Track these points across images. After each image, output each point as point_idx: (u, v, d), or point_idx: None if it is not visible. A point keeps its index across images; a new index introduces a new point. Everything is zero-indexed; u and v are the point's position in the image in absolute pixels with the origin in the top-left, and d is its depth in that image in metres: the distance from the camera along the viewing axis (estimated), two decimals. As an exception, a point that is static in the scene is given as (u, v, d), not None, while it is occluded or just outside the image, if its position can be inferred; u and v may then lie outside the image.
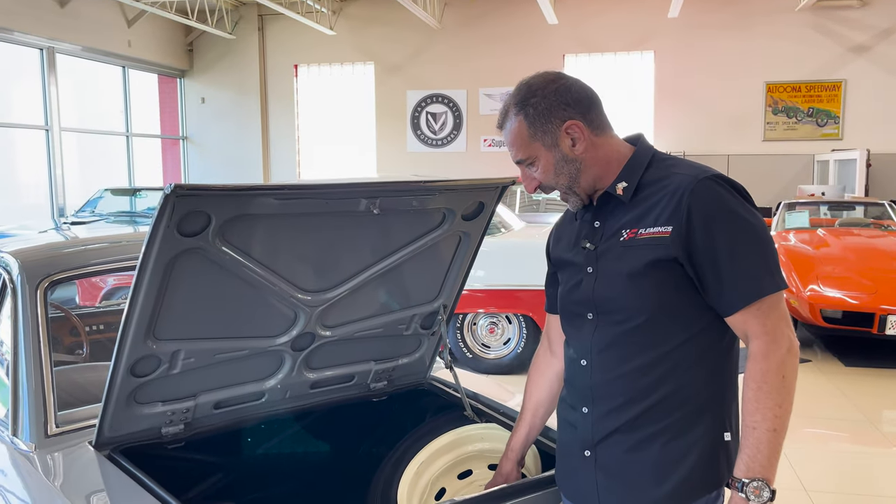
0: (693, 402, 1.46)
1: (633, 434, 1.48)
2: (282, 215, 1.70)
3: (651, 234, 1.43)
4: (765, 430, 1.36)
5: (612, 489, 1.51)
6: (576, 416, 1.57)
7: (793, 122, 13.26)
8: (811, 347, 6.83)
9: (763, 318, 1.39)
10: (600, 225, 1.53)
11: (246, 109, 15.17)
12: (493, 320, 5.86)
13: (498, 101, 14.08)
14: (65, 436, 1.86)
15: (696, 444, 1.45)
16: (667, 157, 1.55)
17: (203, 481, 2.15)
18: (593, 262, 1.52)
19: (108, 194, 10.95)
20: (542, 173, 1.51)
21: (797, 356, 1.40)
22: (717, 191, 1.41)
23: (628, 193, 1.49)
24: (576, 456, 1.57)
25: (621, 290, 1.47)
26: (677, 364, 1.45)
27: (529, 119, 1.49)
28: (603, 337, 1.51)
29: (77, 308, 3.53)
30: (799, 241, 7.41)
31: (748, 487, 1.36)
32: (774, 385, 1.36)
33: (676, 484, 1.45)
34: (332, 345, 2.09)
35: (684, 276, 1.43)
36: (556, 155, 1.49)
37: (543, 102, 1.48)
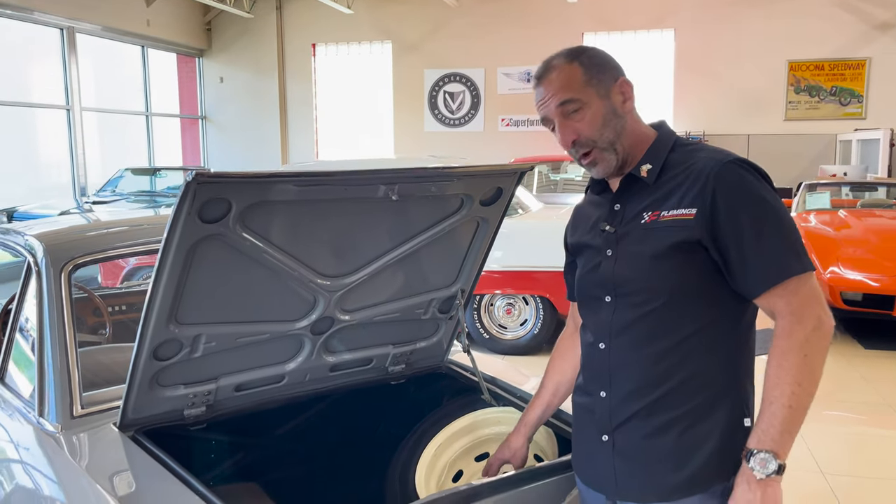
0: (712, 388, 1.46)
1: (651, 419, 1.48)
2: (301, 202, 1.71)
3: (674, 217, 1.43)
4: (780, 405, 1.36)
5: (630, 474, 1.51)
6: (593, 400, 1.57)
7: (815, 101, 13.08)
8: (830, 330, 6.78)
9: (789, 297, 1.38)
10: (621, 208, 1.53)
11: (264, 89, 15.19)
12: (510, 301, 5.87)
13: (516, 80, 14.01)
14: (90, 417, 1.89)
15: (715, 429, 1.45)
16: (689, 142, 1.55)
17: (224, 462, 2.19)
18: (613, 244, 1.52)
19: (128, 174, 11.06)
20: (589, 122, 1.48)
21: (826, 337, 1.38)
22: (741, 174, 1.42)
23: (652, 176, 1.50)
24: (593, 441, 1.57)
25: (643, 271, 1.47)
26: (695, 348, 1.45)
27: (585, 66, 1.49)
28: (621, 319, 1.51)
29: (99, 289, 3.58)
30: (819, 223, 7.34)
31: (755, 458, 1.36)
32: (794, 363, 1.36)
33: (696, 469, 1.45)
34: (351, 328, 2.11)
35: (706, 259, 1.43)
36: (606, 106, 1.49)
37: (598, 57, 1.51)
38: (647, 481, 1.49)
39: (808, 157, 12.93)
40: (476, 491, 1.62)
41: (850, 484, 3.66)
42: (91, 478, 1.65)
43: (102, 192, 10.59)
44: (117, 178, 10.90)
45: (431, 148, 14.17)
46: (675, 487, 1.46)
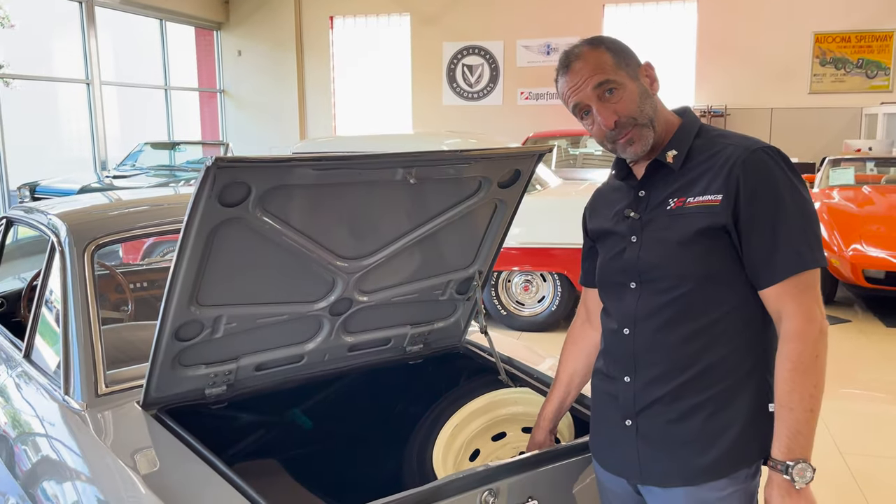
0: (737, 373, 1.46)
1: (675, 404, 1.48)
2: (320, 185, 1.72)
3: (700, 203, 1.43)
4: (803, 410, 1.36)
5: (654, 458, 1.52)
6: (616, 386, 1.57)
7: (841, 73, 12.83)
8: (852, 308, 6.73)
9: (799, 296, 1.38)
10: (645, 194, 1.53)
11: (282, 62, 15.14)
12: (527, 278, 5.87)
13: (535, 53, 13.85)
14: (114, 395, 1.93)
15: (740, 414, 1.45)
16: (714, 129, 1.54)
17: (244, 439, 2.23)
18: (637, 230, 1.52)
19: (147, 148, 11.12)
20: (627, 101, 1.47)
21: (826, 337, 1.39)
22: (768, 163, 1.41)
23: (678, 162, 1.49)
24: (615, 426, 1.57)
25: (669, 258, 1.47)
26: (721, 333, 1.45)
27: (612, 50, 1.49)
28: (646, 306, 1.51)
29: (121, 266, 3.62)
30: (843, 199, 7.24)
31: (793, 470, 1.36)
32: (809, 366, 1.36)
33: (721, 454, 1.45)
34: (369, 309, 2.12)
35: (731, 245, 1.43)
36: (639, 87, 1.50)
37: (619, 43, 1.51)
38: (671, 465, 1.50)
39: (832, 131, 12.73)
40: (493, 472, 1.64)
41: (869, 465, 3.66)
42: (116, 456, 1.68)
43: (122, 167, 10.66)
44: (137, 152, 10.97)
45: (450, 122, 14.10)
46: (700, 471, 1.47)
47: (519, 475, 1.67)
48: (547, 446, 1.83)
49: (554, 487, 1.73)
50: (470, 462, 2.23)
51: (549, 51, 13.68)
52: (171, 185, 9.21)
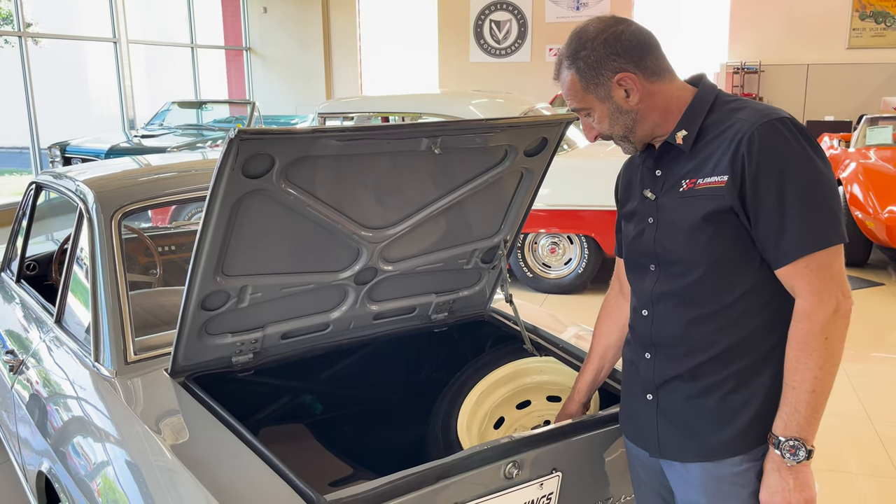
0: (755, 353, 1.44)
1: (693, 383, 1.48)
2: (344, 156, 1.70)
3: (708, 185, 1.40)
4: (804, 391, 1.35)
5: (672, 433, 1.52)
6: (639, 359, 1.58)
7: (881, 28, 12.40)
8: (885, 270, 6.61)
9: (811, 275, 1.34)
10: (662, 174, 1.50)
11: (308, 20, 15.00)
12: (554, 240, 5.84)
13: (564, 8, 13.56)
14: (142, 363, 1.96)
15: (758, 393, 1.44)
16: (731, 99, 1.47)
17: (271, 405, 2.26)
18: (654, 212, 1.50)
19: (175, 107, 11.14)
20: (599, 122, 1.50)
21: (846, 318, 1.35)
22: (776, 137, 1.34)
23: (688, 142, 1.44)
24: (639, 398, 1.59)
25: (681, 242, 1.44)
26: (739, 316, 1.43)
27: (581, 73, 1.45)
28: (663, 288, 1.50)
29: (149, 229, 3.65)
30: (880, 159, 7.05)
31: (784, 445, 1.36)
32: (816, 347, 1.33)
33: (738, 431, 1.45)
34: (394, 278, 2.12)
35: (741, 227, 1.39)
36: (610, 107, 1.46)
37: (593, 55, 1.43)
38: (688, 441, 1.50)
39: (870, 87, 12.36)
40: (516, 444, 1.64)
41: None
42: (144, 423, 1.71)
43: (150, 126, 10.70)
44: (164, 111, 10.99)
45: (477, 80, 13.92)
46: (716, 447, 1.46)
47: (543, 447, 1.67)
48: (577, 418, 1.83)
49: (577, 459, 1.74)
50: (494, 430, 2.25)
51: (579, 6, 13.39)
52: (197, 146, 9.22)
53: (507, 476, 1.61)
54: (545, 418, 2.27)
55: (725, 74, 12.57)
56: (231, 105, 12.26)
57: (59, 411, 2.02)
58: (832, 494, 3.07)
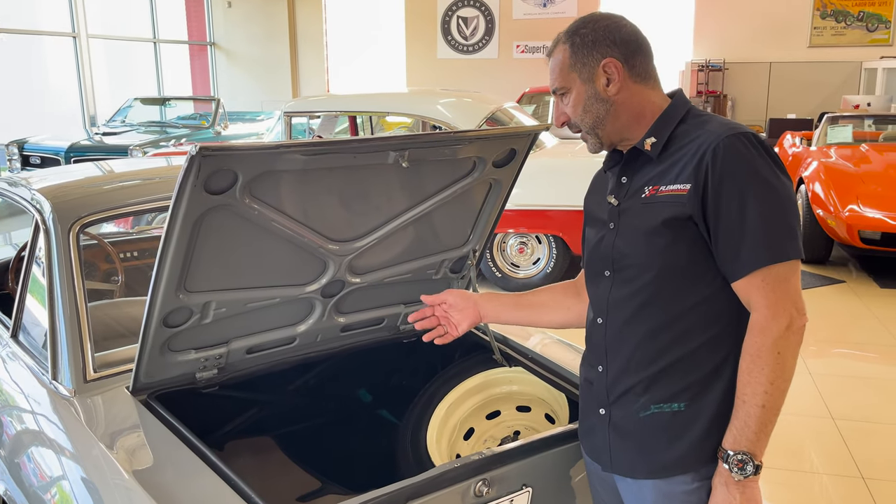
0: (707, 367, 1.44)
1: (645, 396, 1.48)
2: (309, 170, 1.67)
3: (670, 192, 1.40)
4: (754, 405, 1.35)
5: (623, 449, 1.52)
6: (593, 373, 1.58)
7: (841, 26, 12.64)
8: (846, 267, 6.74)
9: (767, 289, 1.34)
10: (627, 181, 1.50)
11: (273, 13, 14.84)
12: (522, 240, 5.84)
13: (532, 5, 13.58)
14: (103, 381, 1.90)
15: (707, 409, 1.44)
16: (702, 114, 1.49)
17: (237, 422, 2.21)
18: (616, 218, 1.50)
19: (137, 103, 10.95)
20: (572, 107, 1.50)
21: (798, 334, 1.35)
22: (740, 150, 1.35)
23: (656, 149, 1.45)
24: (593, 413, 1.59)
25: (637, 247, 1.45)
26: (691, 327, 1.43)
27: (574, 48, 1.47)
28: (617, 295, 1.50)
29: (110, 235, 3.56)
30: (840, 158, 7.19)
31: (732, 459, 1.36)
32: (768, 361, 1.33)
33: (687, 448, 1.44)
34: (362, 290, 2.09)
35: (699, 237, 1.39)
36: (588, 90, 1.47)
37: (591, 35, 1.46)
38: (639, 458, 1.50)
39: (831, 85, 12.60)
40: (487, 461, 1.63)
41: (860, 430, 3.69)
42: (104, 446, 1.66)
43: (112, 123, 10.50)
44: (126, 107, 10.80)
45: (444, 76, 13.90)
46: (667, 465, 1.46)
47: (512, 463, 1.66)
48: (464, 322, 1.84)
49: (548, 474, 1.73)
50: (464, 441, 2.23)
51: (546, 2, 13.42)
52: (161, 143, 9.06)
53: (476, 494, 1.59)
54: (515, 429, 2.26)
55: (691, 72, 12.71)
56: (195, 101, 12.09)
57: (15, 432, 1.96)
58: (796, 495, 3.12)
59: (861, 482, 3.21)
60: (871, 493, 3.12)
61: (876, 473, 3.27)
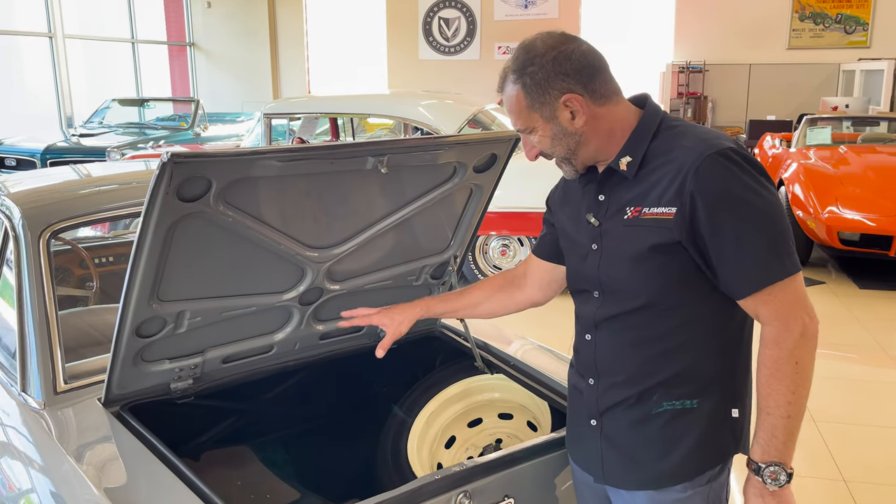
0: (699, 382, 1.42)
1: (636, 409, 1.46)
2: (286, 176, 1.63)
3: (654, 216, 1.36)
4: (779, 416, 1.34)
5: (615, 459, 1.51)
6: (583, 384, 1.56)
7: (819, 28, 12.74)
8: (826, 268, 6.78)
9: (775, 302, 1.33)
10: (605, 199, 1.46)
11: (253, 14, 14.73)
12: (505, 242, 5.82)
13: (513, 6, 13.58)
14: (74, 392, 1.85)
15: (700, 421, 1.43)
16: (675, 124, 1.44)
17: (213, 431, 2.17)
18: (598, 239, 1.47)
19: (115, 104, 10.82)
20: (540, 142, 1.45)
21: (813, 339, 1.34)
22: (722, 170, 1.31)
23: (632, 169, 1.41)
24: (583, 423, 1.57)
25: (624, 271, 1.42)
26: (681, 344, 1.41)
27: (527, 89, 1.40)
28: (606, 315, 1.47)
29: (84, 240, 3.49)
30: (819, 160, 7.23)
31: (765, 472, 1.35)
32: (787, 372, 1.32)
33: (680, 459, 1.43)
34: (341, 297, 2.05)
35: (689, 259, 1.37)
36: (554, 127, 1.42)
37: (541, 72, 1.38)
38: (632, 468, 1.48)
39: (810, 87, 12.69)
40: (468, 472, 1.60)
41: (841, 432, 3.70)
42: (74, 461, 1.62)
43: (89, 124, 10.37)
44: (104, 108, 10.67)
45: (426, 78, 13.86)
46: (659, 476, 1.45)
47: (494, 474, 1.63)
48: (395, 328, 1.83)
49: (530, 485, 1.70)
50: (446, 450, 2.20)
51: (528, 4, 13.43)
52: (139, 145, 8.96)
53: (458, 507, 1.56)
54: (497, 437, 2.24)
55: (671, 74, 12.76)
56: (175, 102, 11.96)
57: (-16, 445, 1.91)
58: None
59: (843, 485, 3.21)
60: (852, 495, 3.13)
61: (857, 476, 3.28)
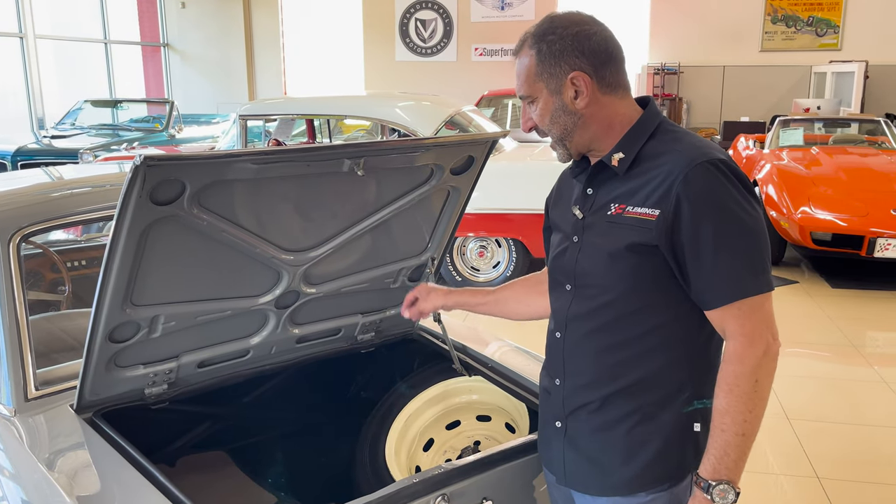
0: (662, 390, 1.42)
1: (600, 414, 1.46)
2: (261, 179, 1.62)
3: (637, 215, 1.37)
4: (733, 433, 1.33)
5: (578, 463, 1.51)
6: (551, 384, 1.56)
7: (791, 31, 12.92)
8: (799, 268, 6.87)
9: (742, 318, 1.33)
10: (593, 193, 1.47)
11: (228, 14, 14.62)
12: (482, 244, 5.83)
13: (490, 8, 13.61)
14: (45, 399, 1.82)
15: (663, 429, 1.43)
16: (673, 129, 1.44)
17: (189, 436, 2.14)
18: (580, 232, 1.47)
19: (87, 106, 10.68)
20: (539, 115, 1.44)
21: (774, 360, 1.35)
22: (710, 180, 1.32)
23: (623, 166, 1.41)
24: (549, 425, 1.57)
25: (599, 266, 1.42)
26: (649, 348, 1.41)
27: (540, 56, 1.40)
28: (576, 311, 1.47)
29: (56, 243, 3.44)
30: (792, 161, 7.33)
31: (714, 490, 1.35)
32: (746, 390, 1.32)
33: (641, 467, 1.43)
34: (318, 300, 2.04)
35: (663, 263, 1.37)
36: (556, 102, 1.41)
37: (558, 44, 1.39)
38: (592, 474, 1.49)
39: (782, 89, 12.86)
40: (446, 476, 1.59)
41: (815, 430, 3.74)
42: (46, 468, 1.59)
43: (61, 125, 10.22)
44: (76, 109, 10.52)
45: (403, 79, 13.84)
46: (619, 484, 1.45)
47: (473, 477, 1.63)
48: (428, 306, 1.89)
49: (508, 487, 1.70)
50: (424, 452, 2.20)
51: (504, 5, 13.46)
52: (112, 147, 8.85)
53: (436, 510, 1.56)
54: (475, 439, 2.23)
55: (647, 75, 12.86)
56: (149, 104, 11.83)
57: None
58: (752, 496, 3.15)
59: (816, 482, 3.25)
60: (825, 492, 3.17)
61: (831, 472, 3.32)
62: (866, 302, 5.90)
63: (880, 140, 8.15)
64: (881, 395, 4.19)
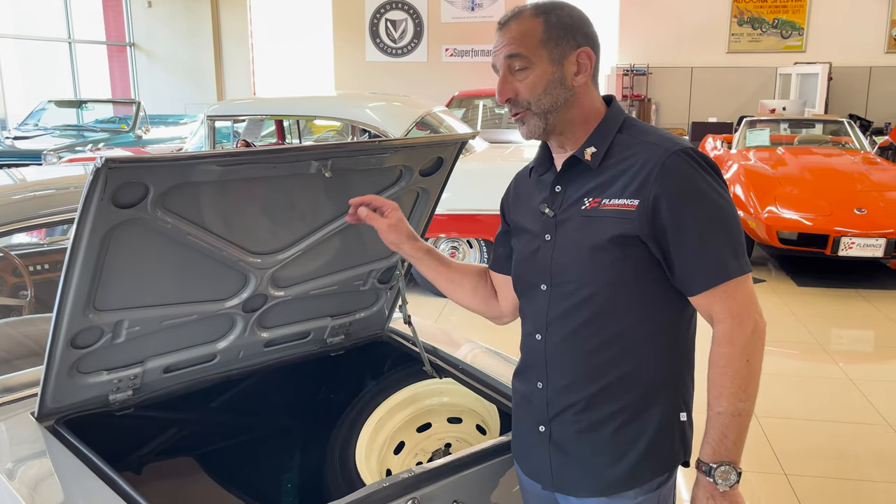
0: (649, 384, 1.43)
1: (586, 414, 1.45)
2: (227, 181, 1.59)
3: (615, 206, 1.37)
4: (729, 414, 1.35)
5: (565, 466, 1.49)
6: (531, 389, 1.54)
7: (757, 33, 13.12)
8: (766, 267, 6.97)
9: (728, 300, 1.35)
10: (562, 190, 1.46)
11: (196, 14, 14.45)
12: (454, 245, 5.82)
13: (460, 9, 13.62)
14: (6, 406, 1.78)
15: (650, 425, 1.43)
16: (637, 123, 1.46)
17: (155, 443, 2.11)
18: (552, 229, 1.45)
19: (51, 106, 10.51)
20: (530, 84, 1.39)
21: (763, 338, 1.37)
22: (687, 168, 1.34)
23: (597, 159, 1.41)
24: (531, 431, 1.54)
25: (580, 262, 1.41)
26: (633, 342, 1.42)
27: (549, 24, 1.38)
28: (556, 310, 1.46)
29: (18, 247, 3.37)
30: (758, 161, 7.44)
31: (716, 472, 1.36)
32: (738, 370, 1.34)
33: (631, 465, 1.43)
34: (286, 303, 2.02)
35: (646, 253, 1.37)
36: (555, 72, 1.39)
37: (570, 19, 1.39)
38: (583, 475, 1.48)
39: (749, 90, 13.05)
40: (416, 479, 1.58)
41: (782, 427, 3.79)
42: (6, 479, 1.55)
43: (24, 126, 10.04)
44: (39, 110, 10.34)
45: (373, 80, 13.80)
46: (611, 483, 1.45)
47: (443, 480, 1.62)
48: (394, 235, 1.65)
49: (479, 489, 1.69)
50: (394, 455, 2.18)
51: (474, 6, 13.48)
52: (77, 148, 8.70)
53: (406, 514, 1.55)
54: (446, 441, 2.23)
55: (616, 76, 12.96)
56: (114, 104, 11.66)
57: None
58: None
59: (783, 478, 3.29)
60: (793, 489, 3.21)
61: (798, 469, 3.36)
62: (831, 300, 6.00)
63: (844, 140, 8.30)
64: (846, 391, 4.26)
